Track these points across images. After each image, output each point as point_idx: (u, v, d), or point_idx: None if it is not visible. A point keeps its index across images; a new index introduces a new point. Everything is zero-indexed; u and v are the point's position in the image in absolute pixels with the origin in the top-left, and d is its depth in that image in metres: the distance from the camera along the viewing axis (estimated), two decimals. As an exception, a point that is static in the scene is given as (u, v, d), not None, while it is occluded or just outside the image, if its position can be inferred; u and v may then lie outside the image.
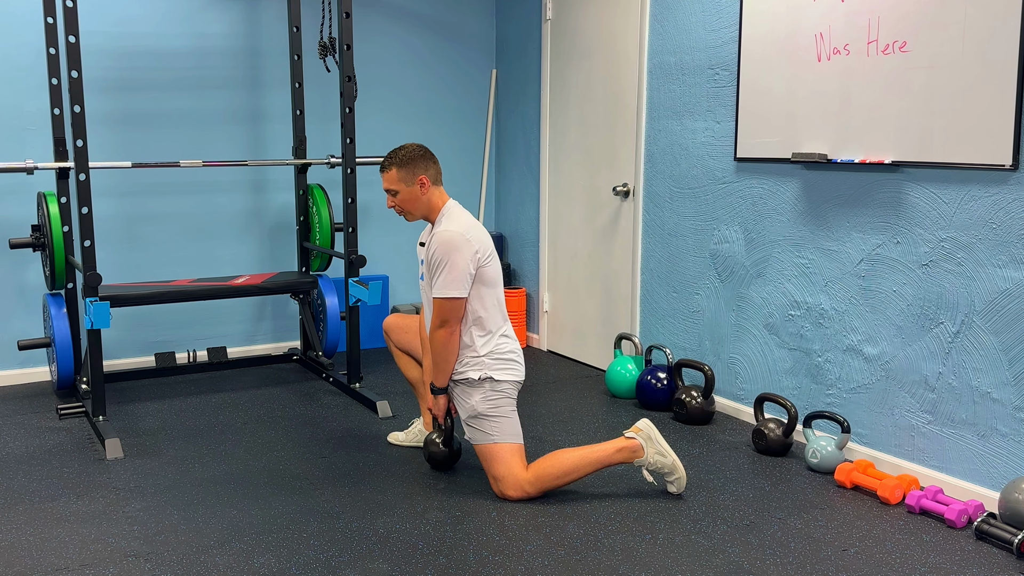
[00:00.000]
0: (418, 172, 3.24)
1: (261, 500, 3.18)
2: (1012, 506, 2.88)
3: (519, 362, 3.28)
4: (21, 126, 4.47)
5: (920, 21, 3.17)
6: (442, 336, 3.16)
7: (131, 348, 4.87)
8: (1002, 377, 3.05)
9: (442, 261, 3.13)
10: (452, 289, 3.12)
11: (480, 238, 3.20)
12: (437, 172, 3.30)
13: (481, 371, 3.19)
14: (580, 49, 4.91)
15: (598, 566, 2.70)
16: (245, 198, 5.07)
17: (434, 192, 3.28)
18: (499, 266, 3.28)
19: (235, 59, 4.94)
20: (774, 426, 3.64)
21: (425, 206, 3.29)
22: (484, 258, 3.19)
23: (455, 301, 3.14)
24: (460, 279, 3.12)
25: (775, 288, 3.86)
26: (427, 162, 3.26)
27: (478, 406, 3.19)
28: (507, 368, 3.23)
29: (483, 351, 3.21)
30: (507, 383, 3.22)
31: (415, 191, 3.25)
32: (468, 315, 3.20)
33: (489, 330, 3.23)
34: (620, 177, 4.67)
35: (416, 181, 3.24)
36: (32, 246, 4.21)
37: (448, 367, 3.21)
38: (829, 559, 2.76)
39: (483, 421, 3.18)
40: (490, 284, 3.22)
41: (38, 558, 2.74)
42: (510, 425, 3.20)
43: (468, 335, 3.21)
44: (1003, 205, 3.00)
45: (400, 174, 3.24)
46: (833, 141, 3.52)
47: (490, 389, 3.19)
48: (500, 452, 3.17)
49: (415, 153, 3.26)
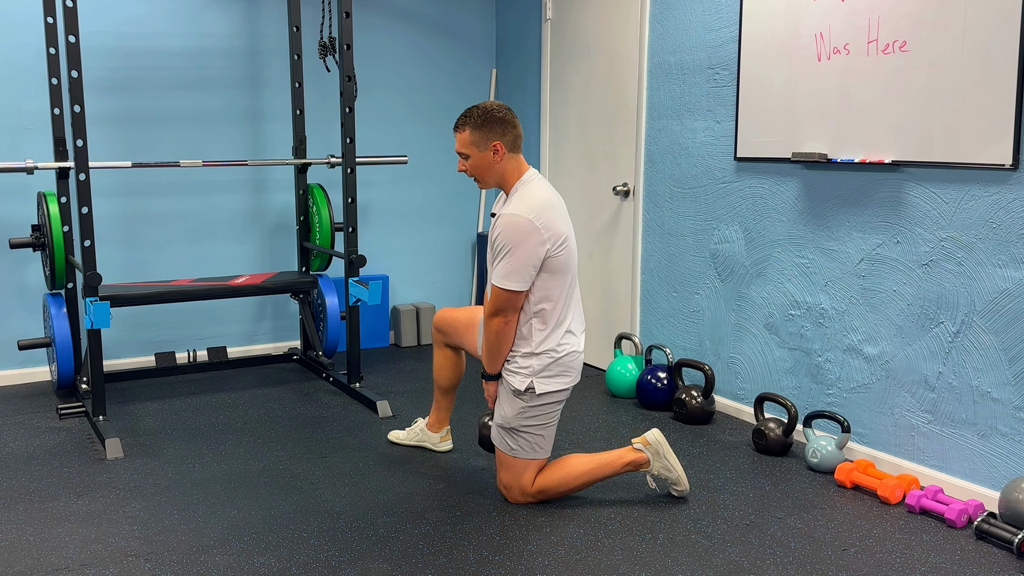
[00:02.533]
0: (493, 137, 2.92)
1: (261, 500, 3.18)
2: (1012, 506, 2.88)
3: (573, 366, 3.02)
4: (21, 126, 4.47)
5: (920, 21, 3.17)
6: (497, 324, 2.91)
7: (131, 348, 4.87)
8: (1002, 377, 3.05)
9: (504, 248, 2.85)
10: (511, 281, 2.85)
11: (551, 223, 2.88)
12: (516, 137, 2.97)
13: (527, 379, 2.96)
14: (580, 49, 4.91)
15: (598, 566, 2.70)
16: (245, 198, 5.07)
17: (510, 161, 2.97)
18: (573, 253, 2.97)
19: (235, 59, 4.94)
20: (774, 426, 3.64)
21: (499, 175, 2.98)
22: (554, 247, 2.88)
23: (514, 294, 2.87)
24: (521, 271, 2.85)
25: (775, 288, 3.86)
26: (505, 126, 2.94)
27: (512, 420, 3.01)
28: (557, 375, 2.98)
29: (540, 348, 2.95)
30: (551, 394, 2.99)
31: (488, 157, 2.95)
32: (529, 305, 2.93)
33: (551, 323, 2.95)
34: (620, 177, 4.67)
35: (490, 147, 2.93)
36: (32, 246, 4.20)
37: (501, 356, 2.98)
38: (829, 559, 2.76)
39: (512, 434, 3.04)
40: (559, 273, 2.93)
41: (38, 558, 2.74)
42: (537, 443, 3.04)
43: (527, 326, 2.95)
44: (1003, 205, 3.00)
45: (474, 136, 2.93)
46: (833, 141, 3.52)
47: (528, 405, 2.99)
48: (515, 465, 3.08)
49: (494, 114, 2.93)
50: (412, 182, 5.46)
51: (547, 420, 3.05)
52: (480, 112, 2.95)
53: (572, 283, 3.00)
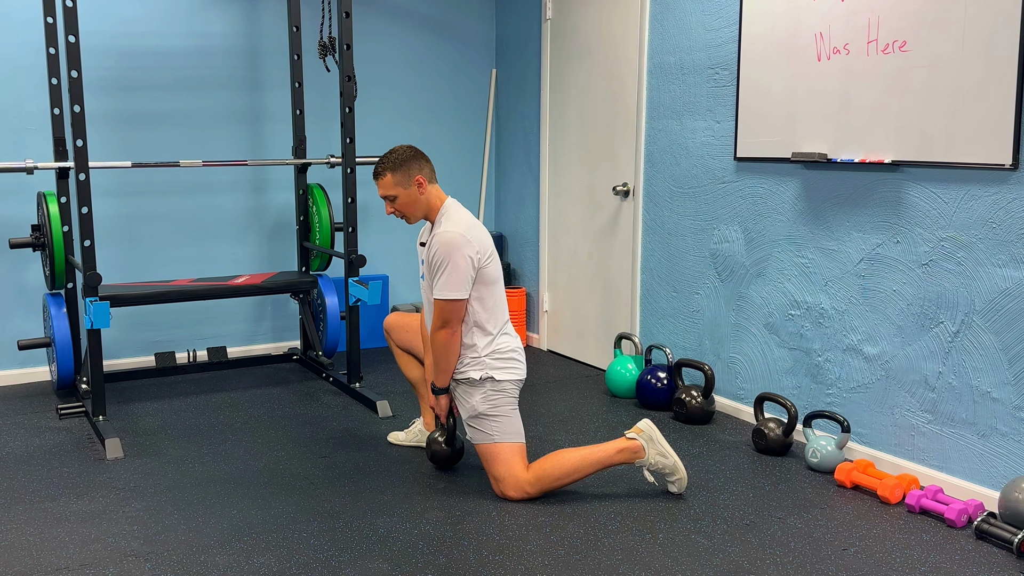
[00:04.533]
0: (413, 173, 3.20)
1: (261, 500, 3.18)
2: (1012, 505, 2.88)
3: (521, 361, 3.28)
4: (21, 126, 4.47)
5: (920, 21, 3.17)
6: (443, 337, 3.15)
7: (131, 348, 4.87)
8: (1002, 376, 3.05)
9: (443, 262, 3.11)
10: (453, 291, 3.11)
11: (480, 238, 3.19)
12: (431, 170, 3.27)
13: (482, 371, 3.19)
14: (580, 49, 4.91)
15: (598, 566, 2.70)
16: (245, 198, 5.07)
17: (432, 191, 3.25)
18: (499, 265, 3.27)
19: (235, 59, 4.94)
20: (774, 426, 3.64)
21: (424, 206, 3.26)
22: (484, 258, 3.17)
23: (456, 302, 3.12)
24: (461, 280, 3.11)
25: (775, 288, 3.86)
26: (420, 161, 3.23)
27: (479, 406, 3.18)
28: (508, 367, 3.22)
29: (485, 351, 3.20)
30: (508, 382, 3.21)
31: (413, 193, 3.22)
32: (469, 315, 3.19)
33: (490, 330, 3.22)
34: (620, 177, 4.67)
35: (413, 182, 3.20)
36: (32, 246, 4.21)
37: (449, 367, 3.21)
38: (829, 559, 2.76)
39: (484, 421, 3.18)
40: (491, 283, 3.21)
41: (38, 558, 2.74)
42: (511, 424, 3.20)
43: (469, 335, 3.20)
44: (1003, 204, 3.00)
45: (396, 178, 3.20)
46: (833, 141, 3.52)
47: (491, 389, 3.19)
48: (501, 452, 3.17)
49: (407, 154, 3.22)
50: (412, 182, 5.46)
51: (510, 402, 3.23)
52: (395, 155, 3.22)
53: (502, 292, 3.30)
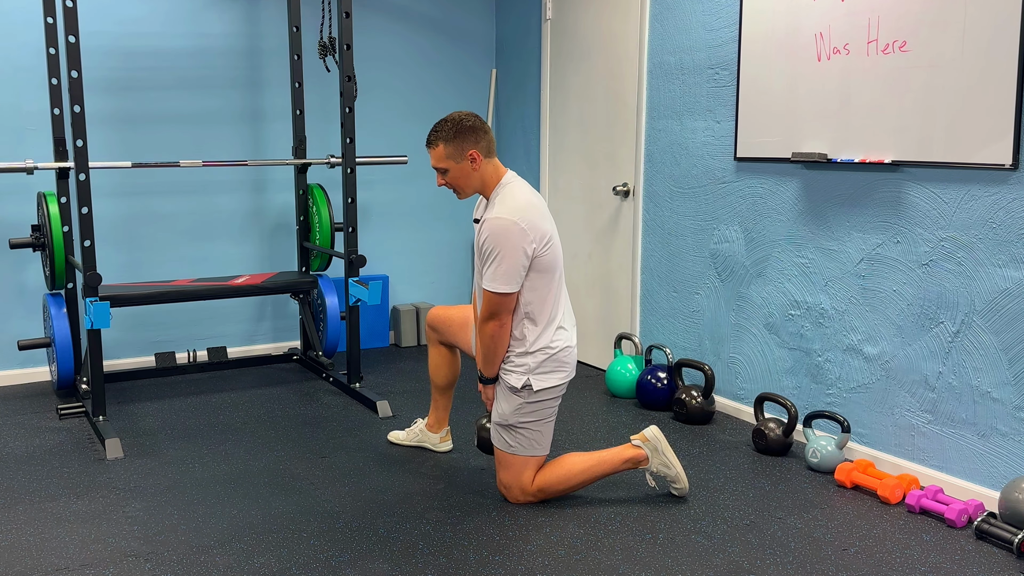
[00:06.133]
0: (468, 146, 2.93)
1: (261, 500, 3.18)
2: (1012, 505, 2.88)
3: (568, 361, 3.06)
4: (21, 126, 4.47)
5: (920, 21, 3.17)
6: (492, 328, 2.94)
7: (131, 348, 4.87)
8: (1002, 377, 3.05)
9: (492, 252, 2.88)
10: (502, 284, 2.88)
11: (535, 223, 2.91)
12: (489, 142, 2.98)
13: (523, 377, 2.99)
14: (580, 49, 4.91)
15: (598, 566, 2.70)
16: (245, 198, 5.07)
17: (487, 166, 2.98)
18: (558, 251, 3.01)
19: (235, 59, 4.94)
20: (774, 426, 3.64)
21: (478, 182, 2.99)
22: (540, 247, 2.91)
23: (505, 296, 2.90)
24: (511, 273, 2.88)
25: (775, 288, 3.86)
26: (477, 133, 2.94)
27: (509, 417, 3.03)
28: (552, 371, 3.02)
29: (534, 346, 2.98)
30: (546, 390, 3.02)
31: (466, 167, 2.95)
32: (520, 306, 2.96)
33: (542, 321, 2.98)
34: (620, 177, 4.67)
35: (466, 156, 2.94)
36: (32, 246, 4.21)
37: (497, 359, 3.01)
38: (829, 559, 2.76)
39: (509, 431, 3.06)
40: (547, 271, 2.96)
41: (38, 558, 2.74)
42: (535, 439, 3.06)
43: (519, 328, 2.98)
44: (1003, 205, 3.00)
45: (448, 149, 2.93)
46: (833, 141, 3.52)
47: (525, 402, 3.01)
48: (514, 463, 3.09)
49: (463, 123, 2.93)
50: (412, 182, 5.46)
51: (544, 416, 3.07)
52: (450, 124, 2.95)
53: (560, 280, 3.03)
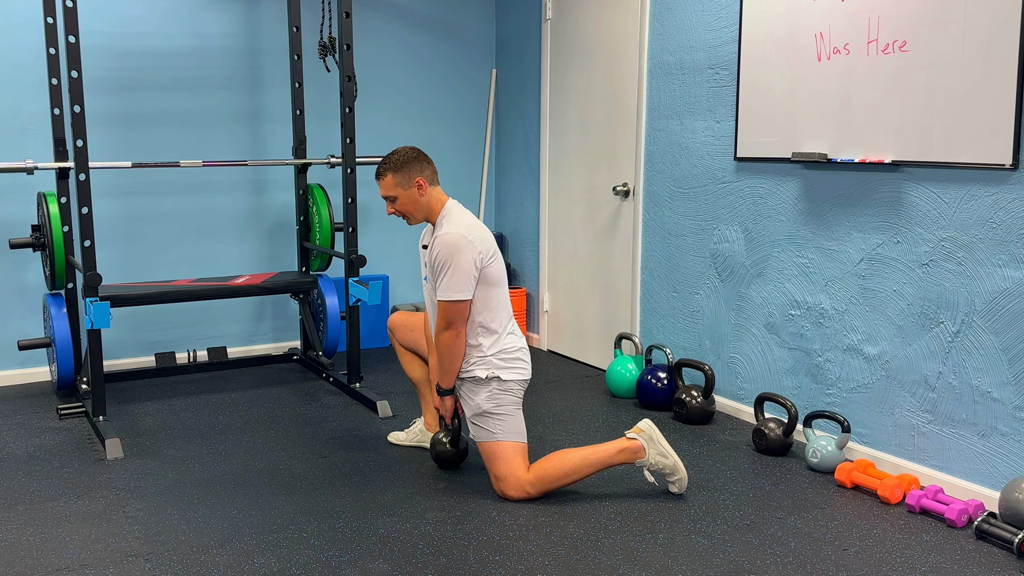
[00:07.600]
0: (414, 175, 3.22)
1: (261, 500, 3.18)
2: (1012, 505, 2.88)
3: (526, 361, 3.28)
4: (21, 126, 4.47)
5: (920, 21, 3.17)
6: (448, 338, 3.15)
7: (131, 348, 4.87)
8: (1002, 376, 3.05)
9: (445, 264, 3.12)
10: (456, 292, 3.11)
11: (482, 238, 3.20)
12: (433, 172, 3.29)
13: (488, 370, 3.19)
14: (580, 49, 4.91)
15: (598, 566, 2.70)
16: (245, 198, 5.07)
17: (432, 193, 3.27)
18: (502, 265, 3.28)
19: (235, 59, 4.94)
20: (774, 426, 3.64)
21: (425, 208, 3.27)
22: (487, 259, 3.18)
23: (460, 304, 3.13)
24: (464, 281, 3.12)
25: (775, 288, 3.86)
26: (422, 163, 3.25)
27: (483, 404, 3.19)
28: (514, 368, 3.23)
29: (490, 351, 3.20)
30: (514, 382, 3.22)
31: (413, 194, 3.23)
32: (473, 316, 3.19)
33: (495, 330, 3.22)
34: (620, 177, 4.67)
35: (413, 184, 3.22)
36: (32, 246, 4.21)
37: (454, 368, 3.21)
38: (829, 559, 2.76)
39: (487, 419, 3.19)
40: (494, 284, 3.22)
41: (38, 558, 2.74)
42: (514, 423, 3.20)
43: (474, 336, 3.21)
44: (1003, 204, 3.00)
45: (396, 179, 3.22)
46: (833, 141, 3.52)
47: (496, 388, 3.19)
48: (503, 451, 3.17)
49: (408, 156, 3.24)
50: (412, 182, 5.46)
51: (515, 402, 3.23)
52: (397, 156, 3.25)
53: (505, 293, 3.30)
